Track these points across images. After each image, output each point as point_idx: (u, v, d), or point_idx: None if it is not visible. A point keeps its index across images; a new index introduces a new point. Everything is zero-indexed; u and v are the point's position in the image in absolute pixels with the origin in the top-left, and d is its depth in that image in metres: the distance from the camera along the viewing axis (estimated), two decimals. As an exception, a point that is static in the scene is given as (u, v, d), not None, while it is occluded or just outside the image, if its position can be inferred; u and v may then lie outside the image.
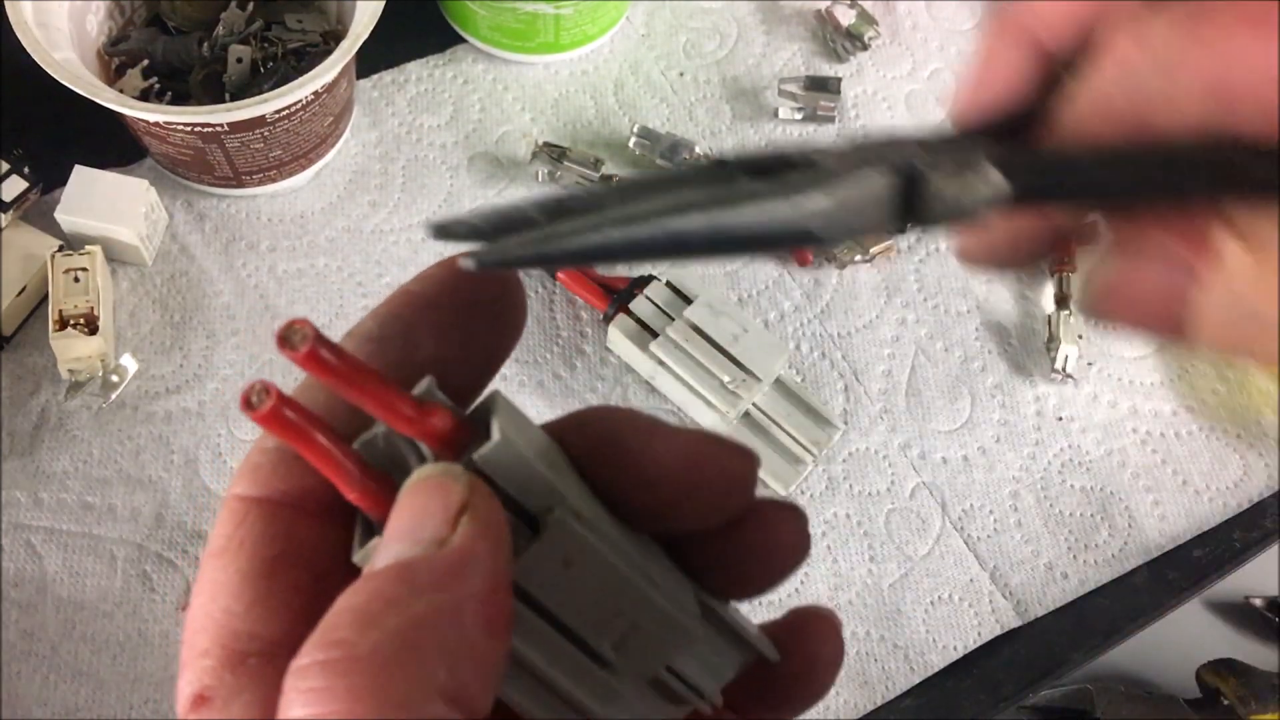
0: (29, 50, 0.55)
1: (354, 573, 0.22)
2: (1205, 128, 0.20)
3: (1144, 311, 0.22)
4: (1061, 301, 0.64)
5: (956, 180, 0.20)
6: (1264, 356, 0.20)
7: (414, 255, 0.64)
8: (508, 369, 0.61)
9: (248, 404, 0.19)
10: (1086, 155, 0.21)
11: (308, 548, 0.23)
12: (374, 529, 0.21)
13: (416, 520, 0.20)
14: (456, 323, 0.23)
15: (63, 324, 0.56)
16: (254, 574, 0.22)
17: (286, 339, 0.19)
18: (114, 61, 0.64)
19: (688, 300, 0.60)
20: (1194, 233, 0.21)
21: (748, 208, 0.19)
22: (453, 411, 0.21)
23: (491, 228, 0.20)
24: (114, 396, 0.58)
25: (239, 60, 0.63)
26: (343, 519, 0.22)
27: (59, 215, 0.59)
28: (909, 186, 0.20)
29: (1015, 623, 0.58)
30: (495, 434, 0.20)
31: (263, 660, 0.21)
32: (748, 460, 0.22)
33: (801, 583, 0.58)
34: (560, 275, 0.62)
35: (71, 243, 0.60)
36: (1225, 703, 0.62)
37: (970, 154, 0.20)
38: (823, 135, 0.70)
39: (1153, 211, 0.22)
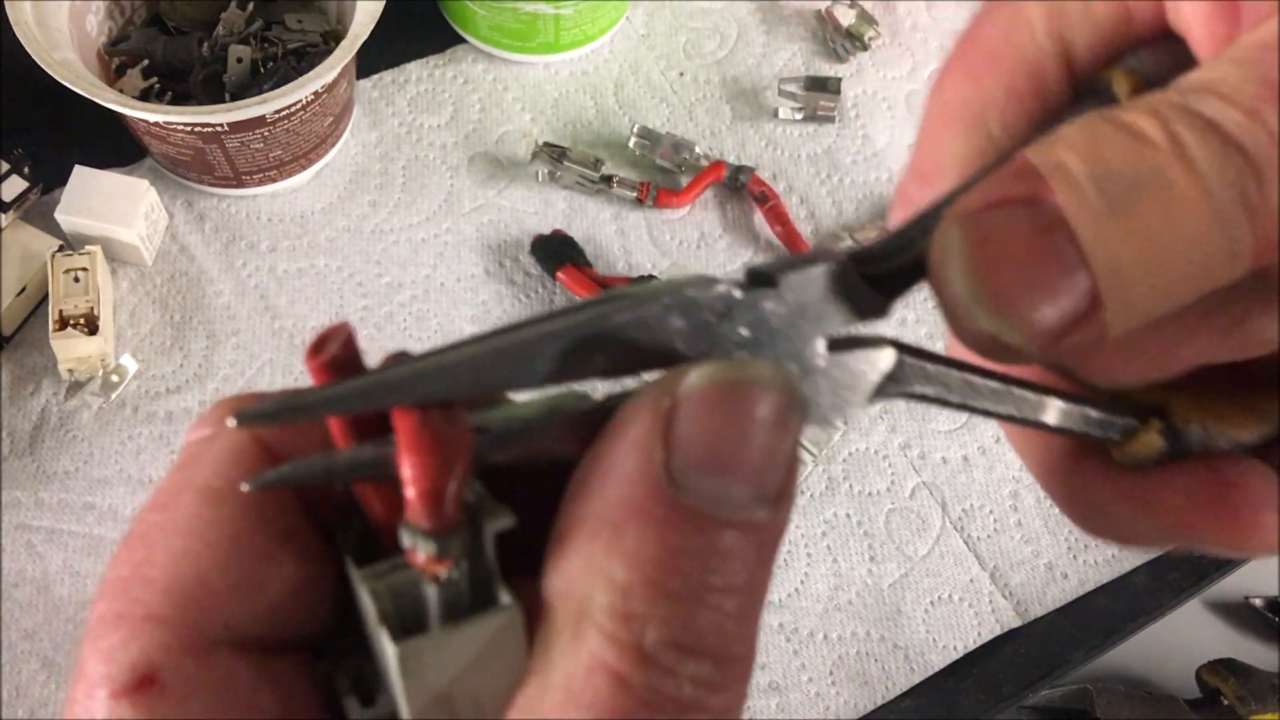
0: (29, 50, 0.55)
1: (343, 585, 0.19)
2: None
3: (1026, 270, 0.17)
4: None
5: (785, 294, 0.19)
6: None
7: (414, 255, 0.64)
8: (508, 369, 0.61)
9: (317, 347, 0.18)
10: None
11: (315, 536, 0.19)
12: (373, 546, 0.19)
13: (757, 454, 0.16)
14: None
15: (63, 324, 0.56)
16: (253, 548, 0.18)
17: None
18: (114, 61, 0.64)
19: (688, 300, 0.60)
20: (1015, 172, 0.17)
21: (535, 324, 0.18)
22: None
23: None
24: (114, 396, 0.58)
25: (239, 60, 0.63)
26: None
27: (59, 215, 0.59)
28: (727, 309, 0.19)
29: (1015, 623, 0.58)
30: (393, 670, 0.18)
31: (232, 654, 0.18)
32: None
33: (802, 583, 0.58)
34: (560, 275, 0.62)
35: (71, 243, 0.60)
36: (1225, 703, 0.62)
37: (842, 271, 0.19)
38: (823, 135, 0.69)
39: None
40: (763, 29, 0.73)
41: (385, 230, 0.64)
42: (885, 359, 0.21)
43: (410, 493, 0.17)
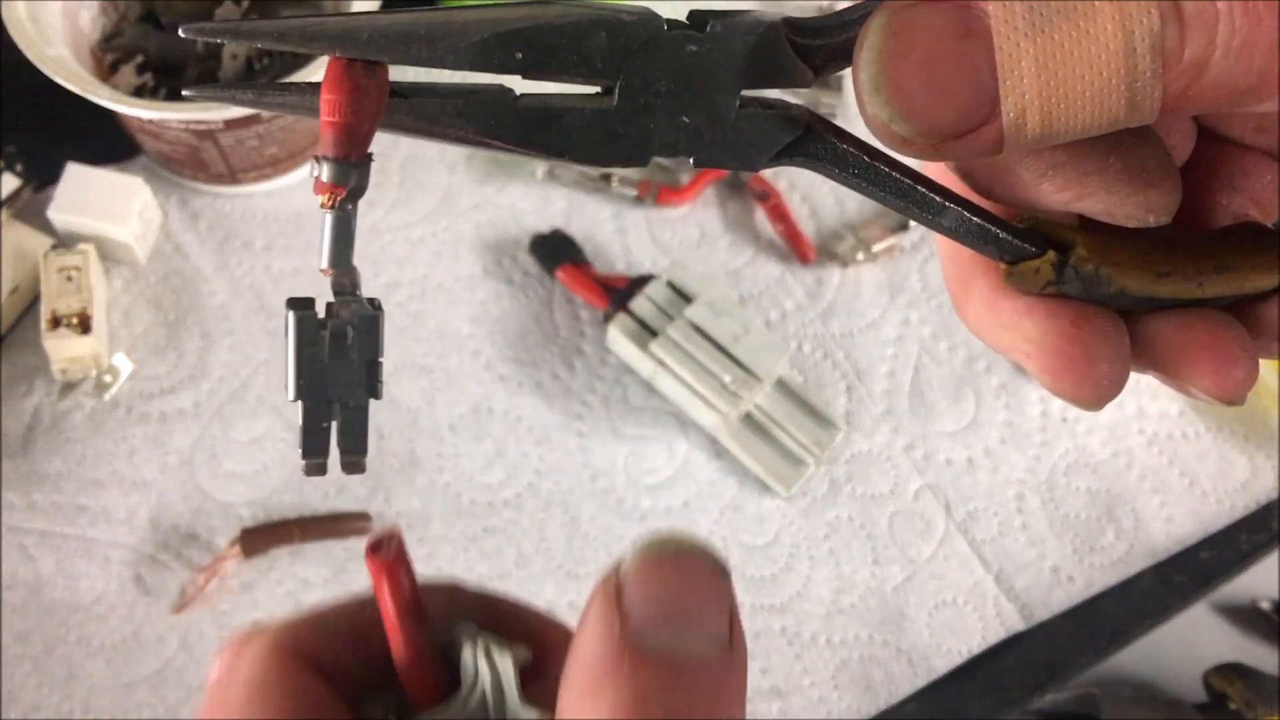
0: (22, 47, 0.54)
1: None
2: None
3: (932, 68, 0.18)
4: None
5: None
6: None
7: (410, 254, 0.63)
8: (505, 369, 0.61)
9: (375, 548, 0.22)
10: None
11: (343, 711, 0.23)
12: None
13: (695, 606, 0.19)
14: None
15: (55, 323, 0.56)
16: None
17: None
18: (108, 58, 0.63)
19: (688, 299, 0.59)
20: None
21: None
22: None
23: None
24: (108, 397, 0.58)
25: (234, 57, 0.62)
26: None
27: (52, 213, 0.58)
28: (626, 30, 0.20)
29: (1020, 626, 0.58)
30: None
31: None
32: None
33: (804, 586, 0.57)
34: (559, 274, 0.61)
35: (65, 241, 0.59)
36: (1232, 707, 0.62)
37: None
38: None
39: None
40: (764, 25, 0.72)
41: (382, 229, 0.64)
42: (795, 125, 0.22)
43: (323, 125, 0.20)
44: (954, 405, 0.62)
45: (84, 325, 0.56)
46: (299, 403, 0.21)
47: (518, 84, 0.21)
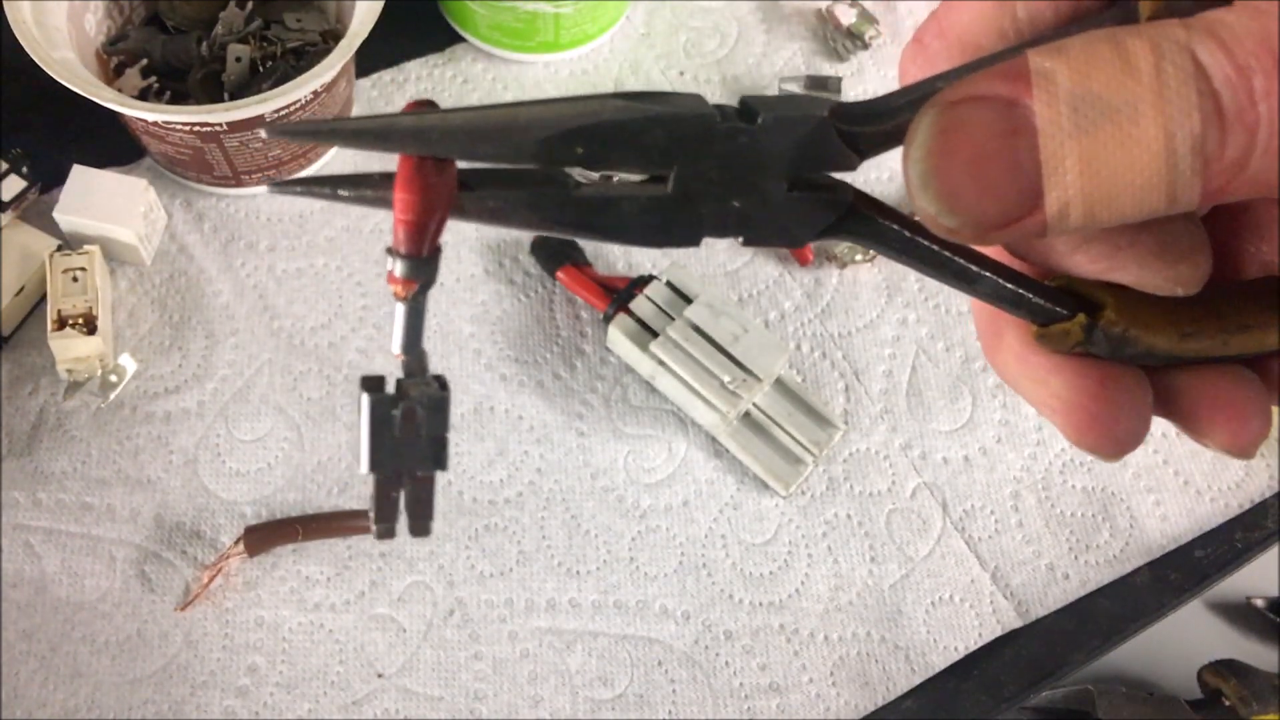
0: (28, 49, 0.54)
1: None
2: None
3: (979, 166, 0.19)
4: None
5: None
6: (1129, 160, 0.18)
7: (413, 255, 0.64)
8: (507, 369, 0.61)
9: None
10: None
11: None
12: None
13: None
14: None
15: (61, 324, 0.56)
16: None
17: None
18: (113, 61, 0.63)
19: (688, 300, 0.60)
20: (1007, 71, 0.19)
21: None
22: None
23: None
24: (113, 396, 0.58)
25: (238, 59, 0.63)
26: None
27: (57, 215, 0.59)
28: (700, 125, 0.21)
29: (1016, 623, 0.58)
30: None
31: None
32: None
33: (803, 583, 0.58)
34: (560, 275, 0.62)
35: (70, 242, 0.60)
36: (1227, 704, 0.62)
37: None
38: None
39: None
40: (763, 28, 0.73)
41: (384, 229, 0.64)
42: (839, 206, 0.23)
43: (397, 223, 0.21)
44: (951, 405, 0.63)
45: (89, 326, 0.56)
46: (372, 475, 0.22)
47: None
